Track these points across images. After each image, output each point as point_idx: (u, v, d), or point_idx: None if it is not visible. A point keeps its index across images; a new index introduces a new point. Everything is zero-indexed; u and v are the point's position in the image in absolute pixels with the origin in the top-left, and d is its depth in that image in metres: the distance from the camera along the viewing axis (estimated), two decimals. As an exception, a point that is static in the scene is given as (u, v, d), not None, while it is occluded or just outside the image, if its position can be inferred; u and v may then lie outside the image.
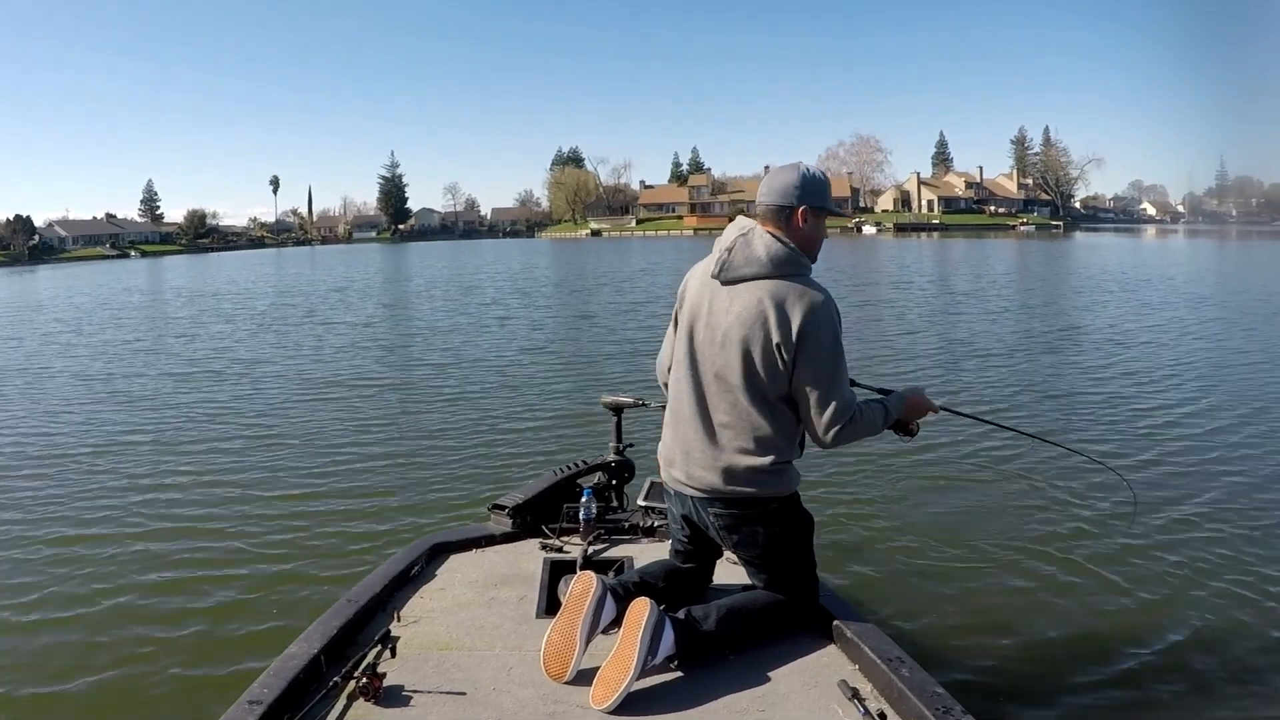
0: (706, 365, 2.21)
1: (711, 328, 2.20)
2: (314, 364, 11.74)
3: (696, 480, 2.23)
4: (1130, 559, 4.43)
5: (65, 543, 4.99)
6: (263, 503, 5.61)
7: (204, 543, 4.91)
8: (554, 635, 2.07)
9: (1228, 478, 5.73)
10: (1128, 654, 3.51)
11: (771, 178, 2.26)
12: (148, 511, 5.52)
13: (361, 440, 7.27)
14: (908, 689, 1.91)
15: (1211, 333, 13.12)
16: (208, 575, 4.45)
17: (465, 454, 6.75)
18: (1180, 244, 54.35)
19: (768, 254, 2.14)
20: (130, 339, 15.43)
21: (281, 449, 7.04)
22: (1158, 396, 8.46)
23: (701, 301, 2.25)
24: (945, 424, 7.29)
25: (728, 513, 2.23)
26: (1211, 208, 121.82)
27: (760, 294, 2.12)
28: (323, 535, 4.99)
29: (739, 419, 2.17)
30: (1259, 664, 3.43)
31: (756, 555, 2.28)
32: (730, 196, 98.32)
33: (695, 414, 2.23)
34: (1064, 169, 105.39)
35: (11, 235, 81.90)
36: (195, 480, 6.17)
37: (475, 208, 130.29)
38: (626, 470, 3.37)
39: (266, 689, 1.90)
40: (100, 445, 7.33)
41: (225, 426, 7.92)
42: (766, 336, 2.10)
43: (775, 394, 2.16)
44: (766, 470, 2.17)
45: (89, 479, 6.31)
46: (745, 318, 2.13)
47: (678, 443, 2.28)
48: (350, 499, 5.65)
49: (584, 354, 11.81)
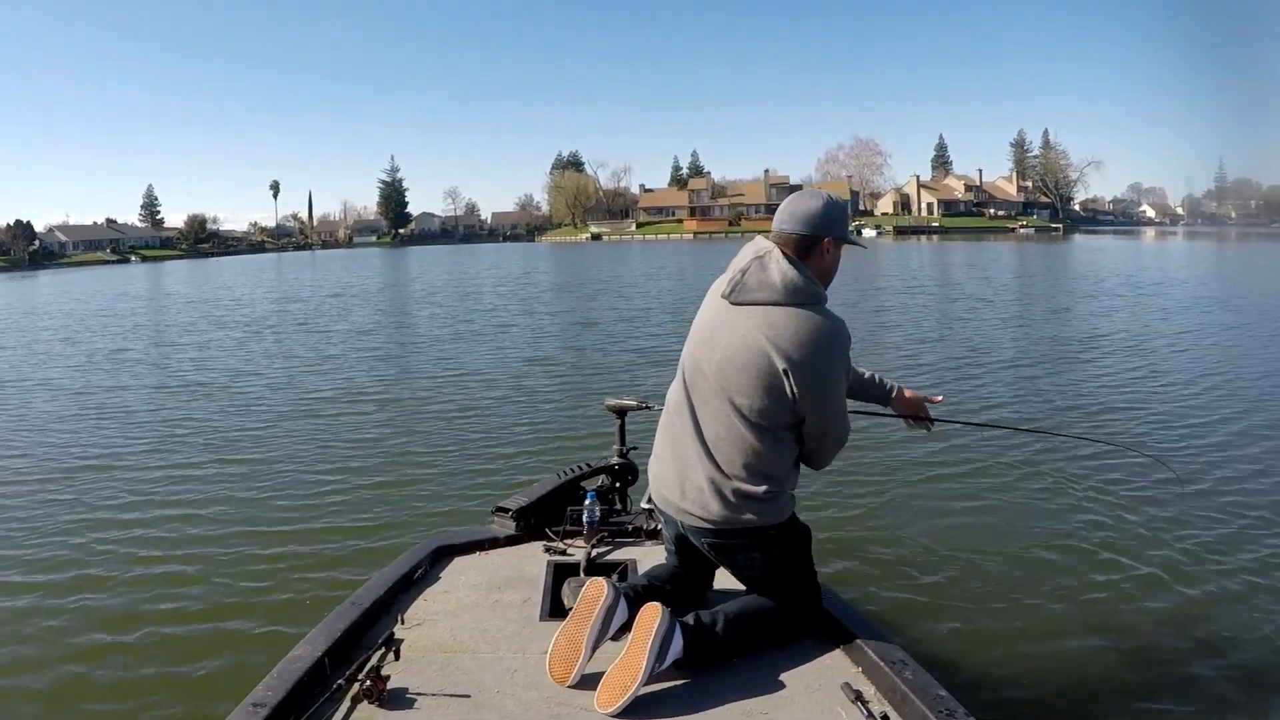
0: (707, 386, 2.16)
1: (717, 348, 2.14)
2: (316, 369, 11.75)
3: (690, 506, 2.17)
4: (1141, 562, 4.42)
5: (69, 545, 4.99)
6: (266, 506, 5.62)
7: (208, 546, 4.92)
8: (561, 639, 2.06)
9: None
10: (1132, 656, 3.52)
11: (795, 203, 2.20)
12: (151, 514, 5.53)
13: (365, 444, 7.28)
14: (911, 692, 1.90)
15: (1239, 338, 12.75)
16: (211, 578, 4.46)
17: (468, 457, 6.76)
18: (1183, 246, 54.32)
19: (783, 281, 2.08)
20: (147, 343, 15.45)
21: (285, 452, 7.04)
22: (1214, 403, 8.15)
23: (710, 321, 2.20)
24: (947, 429, 7.30)
25: (722, 543, 2.20)
26: (1210, 210, 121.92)
27: (772, 320, 2.07)
28: (326, 538, 5.00)
29: (737, 444, 2.12)
30: (1266, 668, 3.42)
31: (755, 578, 2.27)
32: (730, 200, 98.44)
33: (693, 435, 2.18)
34: (1063, 172, 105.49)
35: (12, 240, 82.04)
36: (198, 483, 6.18)
37: (475, 212, 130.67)
38: (630, 473, 3.37)
39: (270, 691, 1.90)
40: (104, 446, 7.34)
41: (228, 431, 7.92)
42: (773, 364, 2.05)
43: (777, 421, 2.11)
44: (762, 498, 2.13)
45: (93, 480, 6.32)
46: (753, 342, 2.07)
47: (673, 463, 2.23)
48: (353, 502, 5.65)
49: (587, 358, 11.81)
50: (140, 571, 4.59)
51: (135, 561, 4.73)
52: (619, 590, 2.17)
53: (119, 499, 5.87)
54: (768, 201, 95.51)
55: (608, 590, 2.12)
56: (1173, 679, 3.35)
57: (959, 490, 5.65)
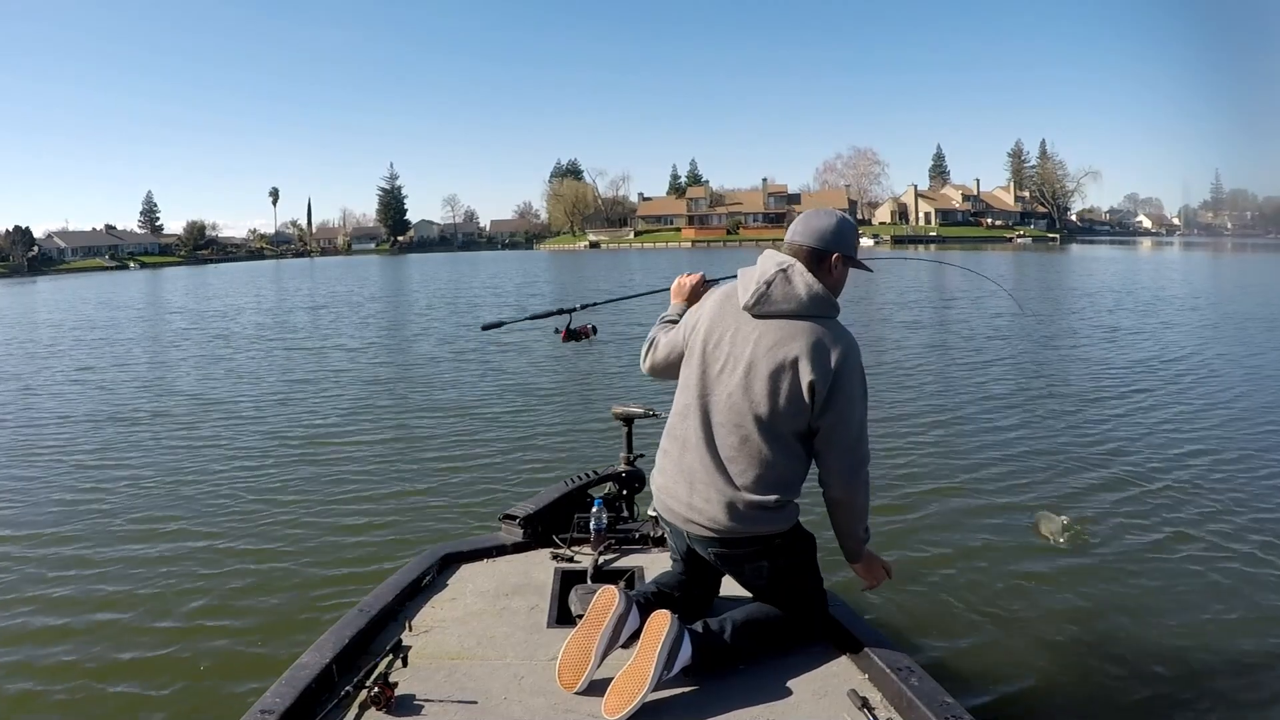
0: (720, 393, 2.17)
1: (734, 358, 2.15)
2: (323, 377, 11.73)
3: (698, 516, 2.19)
4: (1149, 570, 4.42)
5: (76, 549, 5.00)
6: (274, 514, 5.61)
7: (215, 553, 4.92)
8: (571, 647, 2.07)
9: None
10: (1140, 664, 3.51)
11: (809, 220, 2.26)
12: (158, 520, 5.54)
13: (373, 451, 7.28)
14: (917, 698, 1.91)
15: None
16: (219, 584, 4.47)
17: (476, 464, 6.76)
18: (1183, 257, 54.14)
19: (808, 293, 2.13)
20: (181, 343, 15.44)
21: (292, 460, 7.05)
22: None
23: (723, 329, 2.20)
24: (951, 431, 7.32)
25: (730, 552, 2.22)
26: (1207, 220, 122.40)
27: (796, 331, 2.11)
28: (334, 545, 5.01)
29: (751, 455, 2.14)
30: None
31: (763, 586, 2.29)
32: (728, 209, 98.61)
33: (702, 443, 2.18)
34: (1060, 182, 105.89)
35: (11, 247, 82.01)
36: (206, 490, 6.18)
37: (474, 219, 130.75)
38: (637, 480, 3.38)
39: (278, 698, 1.91)
40: (110, 448, 7.35)
41: (236, 439, 7.91)
42: (798, 374, 2.08)
43: (792, 430, 2.13)
44: (771, 507, 2.15)
45: (108, 486, 6.34)
46: (777, 353, 2.10)
47: (681, 473, 2.23)
48: (362, 509, 5.66)
49: (592, 365, 11.81)
50: (146, 577, 4.59)
51: (145, 568, 4.73)
52: (630, 599, 2.18)
53: (129, 508, 5.86)
54: (766, 210, 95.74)
55: (619, 599, 2.12)
56: (1183, 690, 3.33)
57: (962, 497, 5.66)
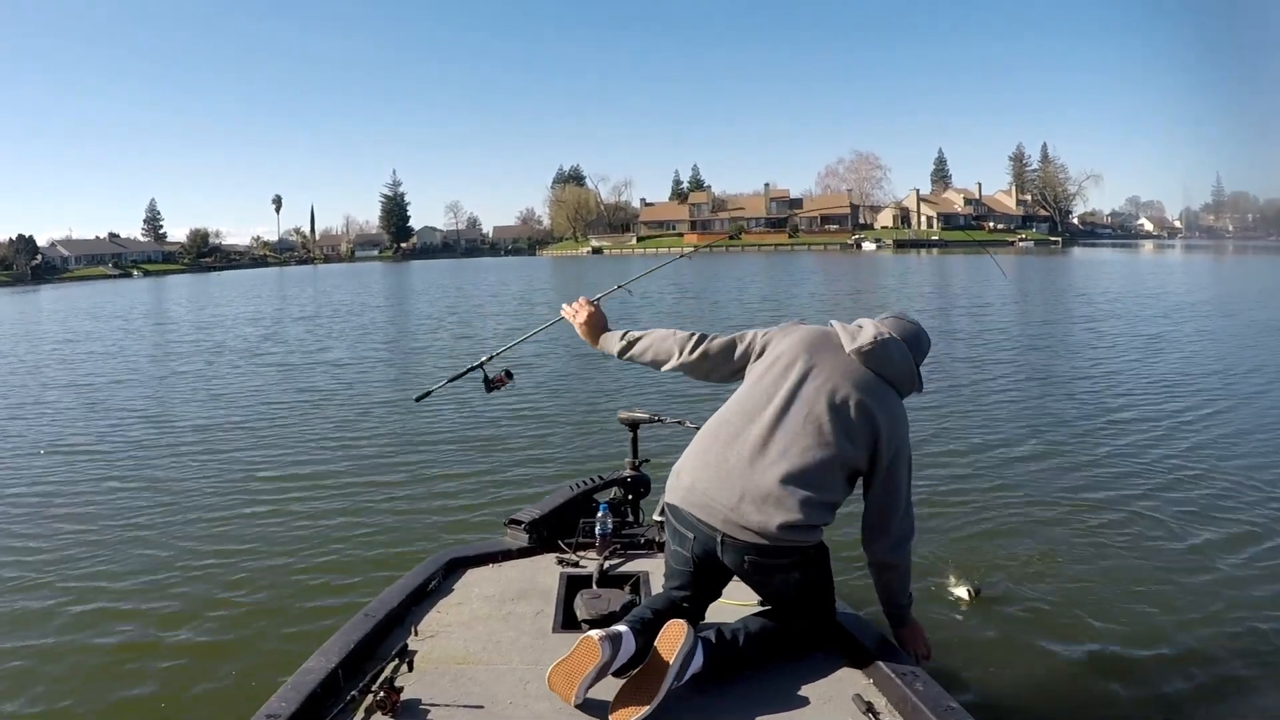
0: (803, 407, 2.24)
1: (830, 381, 2.28)
2: (330, 382, 11.75)
3: (746, 522, 2.17)
4: (1167, 575, 4.40)
5: (81, 552, 5.02)
6: (279, 518, 5.62)
7: (222, 557, 4.92)
8: (553, 677, 2.01)
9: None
10: (1147, 669, 3.49)
11: (920, 338, 2.44)
12: (164, 523, 5.56)
13: (378, 456, 7.28)
14: (922, 703, 1.91)
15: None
16: (226, 589, 4.47)
17: (481, 469, 6.75)
18: (1185, 260, 54.06)
19: (906, 371, 2.35)
20: (177, 341, 15.47)
21: (297, 465, 7.05)
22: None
23: (821, 357, 2.33)
24: (954, 438, 7.30)
25: (768, 561, 2.22)
26: (1208, 223, 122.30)
27: (886, 389, 2.31)
28: (340, 550, 5.00)
29: (818, 475, 2.20)
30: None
31: (789, 595, 2.29)
32: (730, 214, 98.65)
33: (764, 454, 2.22)
34: (1062, 185, 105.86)
35: (14, 255, 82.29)
36: (211, 496, 6.18)
37: (477, 226, 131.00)
38: (642, 485, 3.38)
39: (284, 703, 1.90)
40: (114, 449, 7.36)
41: (240, 443, 7.93)
42: (876, 424, 2.25)
43: (852, 467, 2.26)
44: (809, 527, 2.21)
45: (113, 488, 6.36)
46: (871, 395, 2.27)
47: (729, 478, 2.22)
48: (366, 515, 5.65)
49: (599, 371, 11.81)
50: (153, 581, 4.60)
51: (150, 573, 4.73)
52: (615, 644, 2.03)
53: (135, 512, 5.86)
54: (768, 215, 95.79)
55: (602, 651, 1.99)
56: (1186, 696, 3.31)
57: (965, 503, 5.64)
